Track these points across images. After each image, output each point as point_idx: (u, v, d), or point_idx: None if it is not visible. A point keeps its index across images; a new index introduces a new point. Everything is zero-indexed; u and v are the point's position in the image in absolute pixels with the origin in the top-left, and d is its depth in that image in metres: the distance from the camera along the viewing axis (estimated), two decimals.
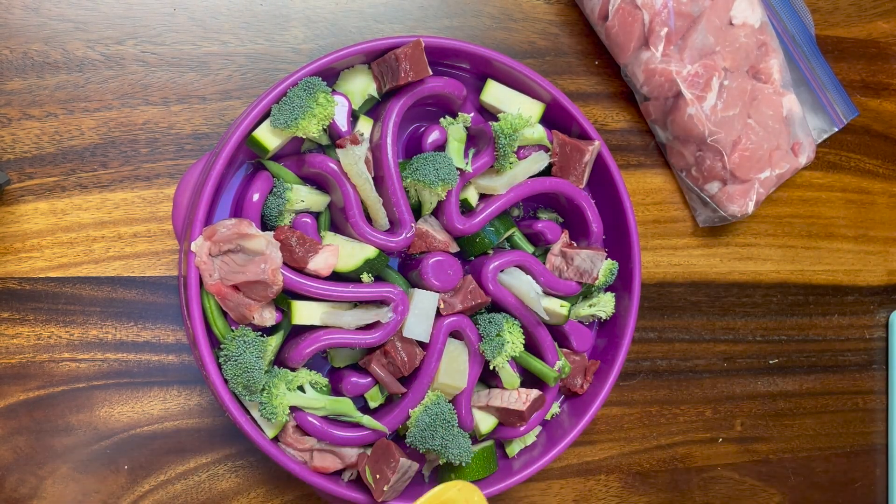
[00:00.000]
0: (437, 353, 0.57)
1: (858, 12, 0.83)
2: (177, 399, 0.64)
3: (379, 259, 0.55)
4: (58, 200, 0.63)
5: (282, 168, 0.56)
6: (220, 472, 0.65)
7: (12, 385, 0.62)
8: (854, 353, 0.83)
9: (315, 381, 0.55)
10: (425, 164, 0.55)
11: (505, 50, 0.72)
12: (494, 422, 0.60)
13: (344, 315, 0.54)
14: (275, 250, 0.52)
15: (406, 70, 0.55)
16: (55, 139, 0.63)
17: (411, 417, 0.56)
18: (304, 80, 0.54)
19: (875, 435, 0.83)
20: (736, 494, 0.78)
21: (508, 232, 0.60)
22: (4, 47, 0.62)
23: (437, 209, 0.59)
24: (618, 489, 0.75)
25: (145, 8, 0.64)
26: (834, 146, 0.82)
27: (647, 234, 0.76)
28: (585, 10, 0.72)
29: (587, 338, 0.64)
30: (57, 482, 0.62)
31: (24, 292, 0.62)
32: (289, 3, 0.67)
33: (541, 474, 0.66)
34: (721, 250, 0.78)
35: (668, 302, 0.76)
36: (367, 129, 0.57)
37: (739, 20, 0.71)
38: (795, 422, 0.81)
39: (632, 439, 0.75)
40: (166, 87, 0.65)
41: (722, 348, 0.78)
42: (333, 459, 0.56)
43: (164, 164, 0.65)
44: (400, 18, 0.70)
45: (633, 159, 0.76)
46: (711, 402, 0.78)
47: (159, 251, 0.64)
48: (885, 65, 0.84)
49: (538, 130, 0.60)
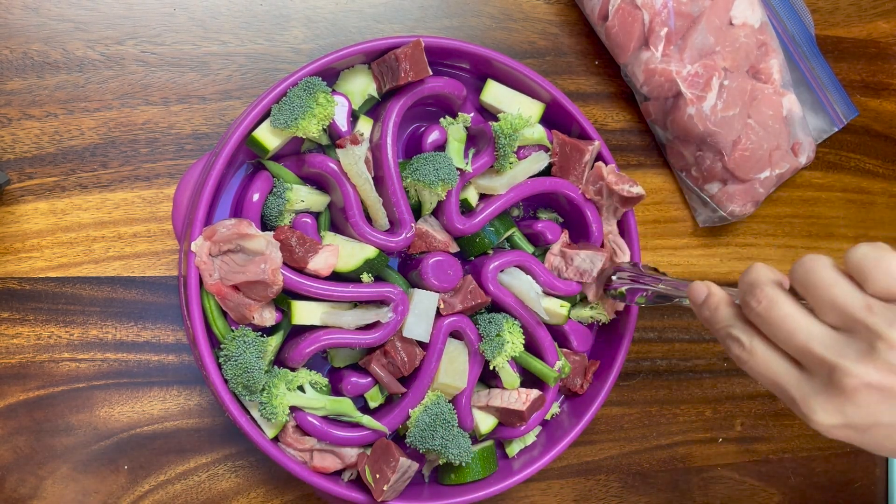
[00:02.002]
0: (437, 353, 0.57)
1: (858, 12, 0.83)
2: (177, 399, 0.64)
3: (379, 259, 0.55)
4: (58, 200, 0.63)
5: (282, 168, 0.56)
6: (220, 472, 0.65)
7: (12, 385, 0.62)
8: None
9: (315, 381, 0.55)
10: (425, 164, 0.55)
11: (505, 50, 0.72)
12: (494, 422, 0.60)
13: (344, 315, 0.54)
14: (275, 250, 0.52)
15: (406, 70, 0.55)
16: (55, 139, 0.63)
17: (411, 417, 0.56)
18: (304, 80, 0.54)
19: None
20: (736, 494, 0.78)
21: (508, 232, 0.60)
22: (4, 47, 0.62)
23: (437, 209, 0.59)
24: (618, 489, 0.75)
25: (145, 8, 0.64)
26: (834, 146, 0.82)
27: (647, 234, 0.76)
28: (585, 10, 0.72)
29: (587, 338, 0.64)
30: (57, 482, 0.62)
31: (24, 292, 0.62)
32: (289, 3, 0.67)
33: (541, 474, 0.66)
34: (721, 250, 0.78)
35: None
36: (367, 129, 0.57)
37: (739, 20, 0.71)
38: (795, 422, 0.81)
39: (632, 439, 0.75)
40: (166, 87, 0.65)
41: (722, 348, 0.78)
42: (333, 459, 0.56)
43: (164, 164, 0.65)
44: (400, 18, 0.70)
45: (633, 159, 0.76)
46: (711, 402, 0.78)
47: (159, 251, 0.64)
48: (885, 65, 0.84)
49: (538, 130, 0.60)
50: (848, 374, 0.38)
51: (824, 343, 0.39)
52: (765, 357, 0.42)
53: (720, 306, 0.45)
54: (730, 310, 0.45)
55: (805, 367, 0.41)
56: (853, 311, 0.39)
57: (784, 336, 0.41)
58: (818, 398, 0.39)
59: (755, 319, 0.42)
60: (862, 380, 0.38)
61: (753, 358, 0.42)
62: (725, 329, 0.44)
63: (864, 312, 0.39)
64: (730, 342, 0.43)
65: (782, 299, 0.41)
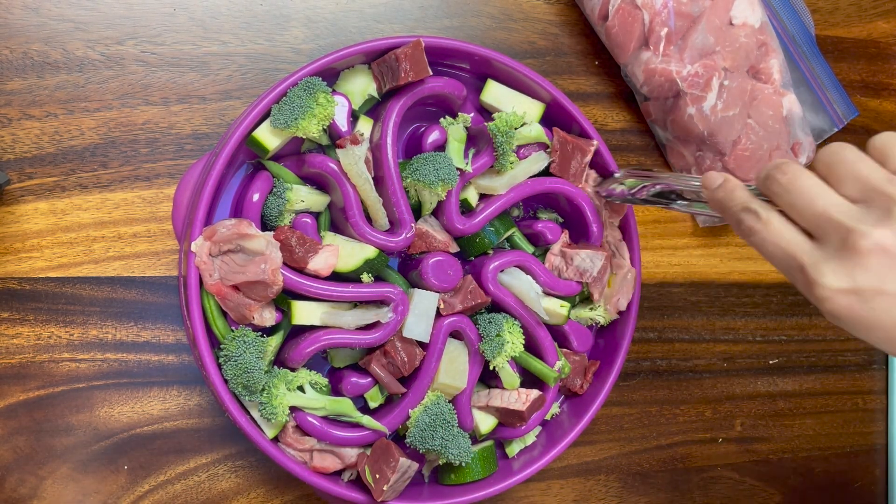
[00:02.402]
0: (437, 353, 0.57)
1: (858, 12, 0.83)
2: (177, 399, 0.64)
3: (379, 259, 0.55)
4: (58, 200, 0.63)
5: (282, 168, 0.56)
6: (220, 472, 0.65)
7: (12, 385, 0.62)
8: (854, 353, 0.83)
9: (315, 381, 0.55)
10: (425, 164, 0.55)
11: (505, 50, 0.72)
12: (494, 422, 0.60)
13: (344, 315, 0.54)
14: (275, 250, 0.52)
15: (406, 70, 0.55)
16: (55, 139, 0.63)
17: (411, 417, 0.56)
18: (304, 80, 0.54)
19: (875, 435, 0.83)
20: (736, 494, 0.78)
21: (508, 232, 0.60)
22: (4, 47, 0.62)
23: (437, 209, 0.59)
24: (618, 489, 0.75)
25: (145, 8, 0.64)
26: None
27: (647, 234, 0.76)
28: (585, 10, 0.72)
29: (587, 338, 0.64)
30: (57, 482, 0.62)
31: (24, 292, 0.62)
32: (289, 3, 0.67)
33: (541, 474, 0.66)
34: (721, 250, 0.78)
35: (668, 302, 0.76)
36: (367, 129, 0.57)
37: (739, 20, 0.71)
38: (795, 422, 0.81)
39: (632, 439, 0.75)
40: (166, 87, 0.65)
41: (722, 348, 0.78)
42: (333, 459, 0.56)
43: (164, 164, 0.65)
44: (400, 18, 0.70)
45: (633, 159, 0.76)
46: (711, 402, 0.78)
47: (159, 251, 0.64)
48: (885, 65, 0.84)
49: (535, 129, 0.60)
50: (863, 235, 0.39)
51: (842, 210, 0.41)
52: (779, 226, 0.43)
53: (737, 189, 0.46)
54: (746, 192, 0.46)
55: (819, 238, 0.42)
56: (874, 182, 0.41)
57: (804, 203, 0.42)
58: (829, 262, 0.40)
59: (777, 190, 0.43)
60: (877, 242, 0.39)
61: (768, 227, 0.43)
62: (742, 204, 0.45)
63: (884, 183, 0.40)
64: (744, 216, 0.44)
65: (806, 173, 0.43)
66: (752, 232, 0.44)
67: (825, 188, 0.42)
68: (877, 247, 0.39)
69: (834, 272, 0.40)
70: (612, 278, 0.63)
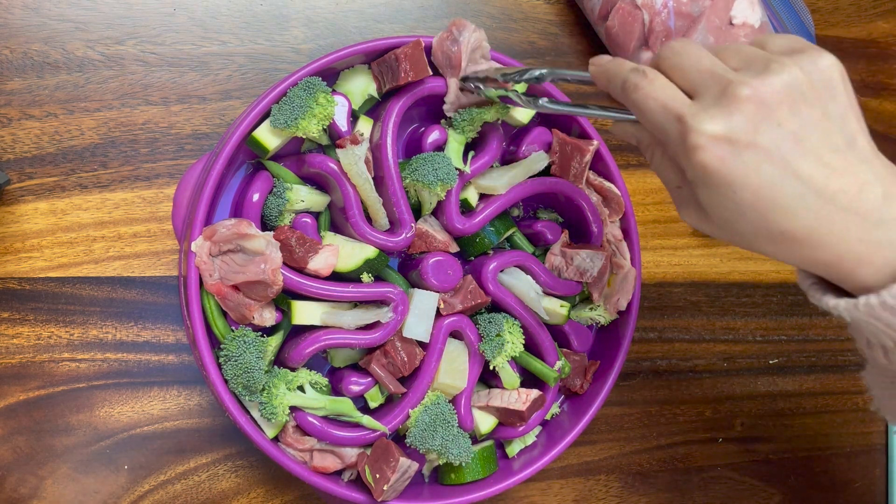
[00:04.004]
0: (437, 353, 0.57)
1: (858, 12, 0.83)
2: (177, 399, 0.64)
3: (379, 259, 0.55)
4: (58, 200, 0.63)
5: (282, 168, 0.56)
6: (220, 472, 0.65)
7: (12, 385, 0.62)
8: (854, 353, 0.83)
9: (315, 381, 0.55)
10: (425, 164, 0.55)
11: (505, 50, 0.72)
12: (494, 422, 0.60)
13: (344, 315, 0.54)
14: (275, 250, 0.52)
15: (406, 70, 0.55)
16: (55, 139, 0.63)
17: (411, 417, 0.56)
18: (304, 80, 0.54)
19: (875, 435, 0.83)
20: (736, 494, 0.78)
21: (508, 232, 0.60)
22: (4, 47, 0.62)
23: (437, 209, 0.59)
24: (618, 489, 0.75)
25: (145, 8, 0.64)
26: None
27: (647, 234, 0.76)
28: (585, 10, 0.72)
29: (587, 338, 0.64)
30: (57, 482, 0.62)
31: (24, 292, 0.62)
32: (289, 3, 0.67)
33: (541, 474, 0.66)
34: (721, 250, 0.78)
35: (668, 302, 0.76)
36: (367, 129, 0.57)
37: (739, 20, 0.71)
38: (795, 422, 0.81)
39: (632, 439, 0.75)
40: (166, 87, 0.65)
41: (722, 348, 0.78)
42: (333, 459, 0.56)
43: (164, 164, 0.65)
44: (400, 18, 0.70)
45: (633, 159, 0.76)
46: (711, 402, 0.78)
47: (159, 251, 0.64)
48: (885, 65, 0.84)
49: (522, 112, 0.59)
50: (743, 84, 0.40)
51: (726, 69, 0.42)
52: (662, 83, 0.44)
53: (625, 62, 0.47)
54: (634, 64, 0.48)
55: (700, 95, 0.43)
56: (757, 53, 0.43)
57: (690, 63, 0.43)
58: (708, 110, 0.41)
59: (666, 53, 0.45)
60: (755, 91, 0.40)
61: (653, 83, 0.44)
62: (632, 67, 0.46)
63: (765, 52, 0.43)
64: (631, 74, 0.45)
65: (696, 44, 0.45)
66: (636, 88, 0.44)
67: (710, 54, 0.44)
68: (755, 96, 0.40)
69: (711, 118, 0.41)
70: (612, 278, 0.63)
